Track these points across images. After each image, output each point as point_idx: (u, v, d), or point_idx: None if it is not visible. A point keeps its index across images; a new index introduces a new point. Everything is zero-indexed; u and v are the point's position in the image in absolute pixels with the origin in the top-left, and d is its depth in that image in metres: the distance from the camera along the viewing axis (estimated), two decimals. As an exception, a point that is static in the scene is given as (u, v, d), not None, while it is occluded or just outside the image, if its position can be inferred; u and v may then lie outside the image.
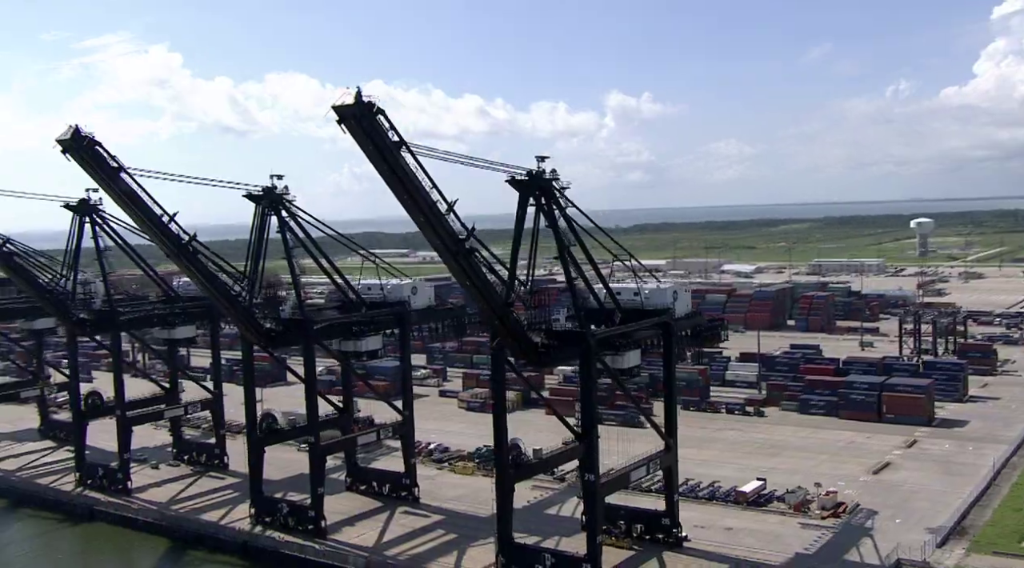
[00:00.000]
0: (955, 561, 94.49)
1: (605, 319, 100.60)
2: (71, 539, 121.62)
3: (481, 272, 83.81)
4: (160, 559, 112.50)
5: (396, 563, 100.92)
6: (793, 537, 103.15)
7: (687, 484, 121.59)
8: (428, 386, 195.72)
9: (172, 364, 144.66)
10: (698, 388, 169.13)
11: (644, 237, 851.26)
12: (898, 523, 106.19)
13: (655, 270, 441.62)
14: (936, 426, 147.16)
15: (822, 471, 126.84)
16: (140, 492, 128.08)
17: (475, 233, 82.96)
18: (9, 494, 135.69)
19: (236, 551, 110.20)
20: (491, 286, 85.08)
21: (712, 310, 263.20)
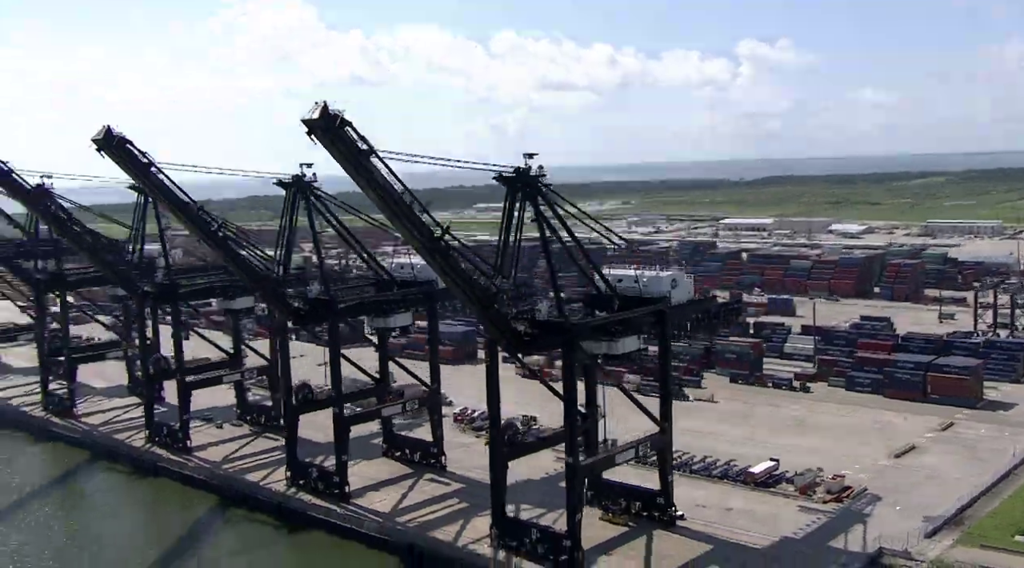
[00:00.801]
0: (938, 552, 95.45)
1: (606, 305, 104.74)
2: (143, 490, 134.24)
3: (458, 266, 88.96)
4: (206, 514, 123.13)
5: (404, 528, 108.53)
6: (788, 520, 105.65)
7: (704, 462, 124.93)
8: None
9: (236, 330, 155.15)
10: (748, 361, 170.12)
11: (767, 191, 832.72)
12: (898, 510, 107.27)
13: (759, 228, 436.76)
14: (981, 408, 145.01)
15: (845, 452, 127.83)
16: (200, 450, 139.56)
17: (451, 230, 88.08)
18: (92, 447, 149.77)
19: (272, 511, 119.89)
20: (470, 279, 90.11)
21: (796, 276, 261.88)
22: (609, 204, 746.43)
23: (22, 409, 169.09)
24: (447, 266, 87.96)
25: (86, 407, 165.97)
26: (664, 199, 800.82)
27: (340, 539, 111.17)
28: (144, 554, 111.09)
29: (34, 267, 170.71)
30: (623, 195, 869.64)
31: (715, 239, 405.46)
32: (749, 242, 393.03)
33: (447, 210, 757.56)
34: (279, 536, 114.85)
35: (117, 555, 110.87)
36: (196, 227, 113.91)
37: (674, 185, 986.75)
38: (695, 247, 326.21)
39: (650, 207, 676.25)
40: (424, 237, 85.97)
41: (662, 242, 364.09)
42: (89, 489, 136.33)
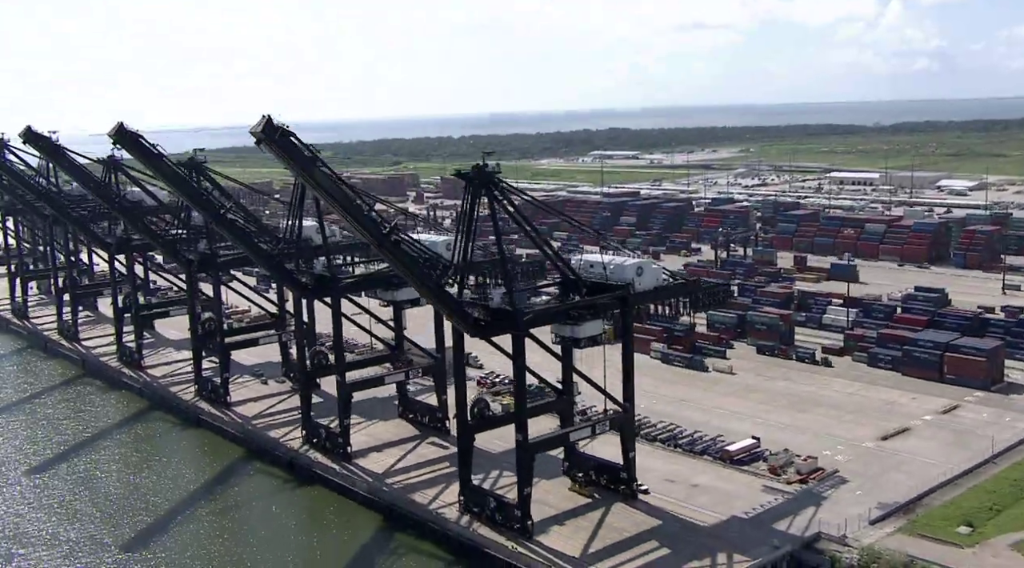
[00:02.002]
0: (873, 540, 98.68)
1: (574, 291, 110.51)
2: (186, 440, 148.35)
3: (407, 257, 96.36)
4: (233, 463, 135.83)
5: (389, 489, 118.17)
6: (746, 499, 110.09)
7: (691, 436, 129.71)
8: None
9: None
10: (778, 332, 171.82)
11: (895, 139, 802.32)
12: (858, 495, 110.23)
13: (865, 183, 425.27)
14: (997, 391, 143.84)
15: (836, 432, 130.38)
16: (239, 405, 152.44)
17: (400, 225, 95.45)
18: (151, 398, 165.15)
19: (285, 466, 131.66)
20: (421, 268, 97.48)
21: (870, 240, 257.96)
22: (726, 152, 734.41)
23: (105, 360, 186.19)
24: (397, 260, 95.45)
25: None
26: (788, 146, 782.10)
27: (338, 496, 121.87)
28: (170, 495, 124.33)
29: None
30: (747, 142, 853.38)
31: (811, 195, 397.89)
32: (846, 198, 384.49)
33: (558, 156, 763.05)
34: (287, 489, 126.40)
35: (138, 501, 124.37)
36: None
37: (804, 131, 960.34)
38: (775, 207, 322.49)
39: (770, 155, 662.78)
40: (373, 234, 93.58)
41: (746, 201, 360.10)
42: (142, 435, 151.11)
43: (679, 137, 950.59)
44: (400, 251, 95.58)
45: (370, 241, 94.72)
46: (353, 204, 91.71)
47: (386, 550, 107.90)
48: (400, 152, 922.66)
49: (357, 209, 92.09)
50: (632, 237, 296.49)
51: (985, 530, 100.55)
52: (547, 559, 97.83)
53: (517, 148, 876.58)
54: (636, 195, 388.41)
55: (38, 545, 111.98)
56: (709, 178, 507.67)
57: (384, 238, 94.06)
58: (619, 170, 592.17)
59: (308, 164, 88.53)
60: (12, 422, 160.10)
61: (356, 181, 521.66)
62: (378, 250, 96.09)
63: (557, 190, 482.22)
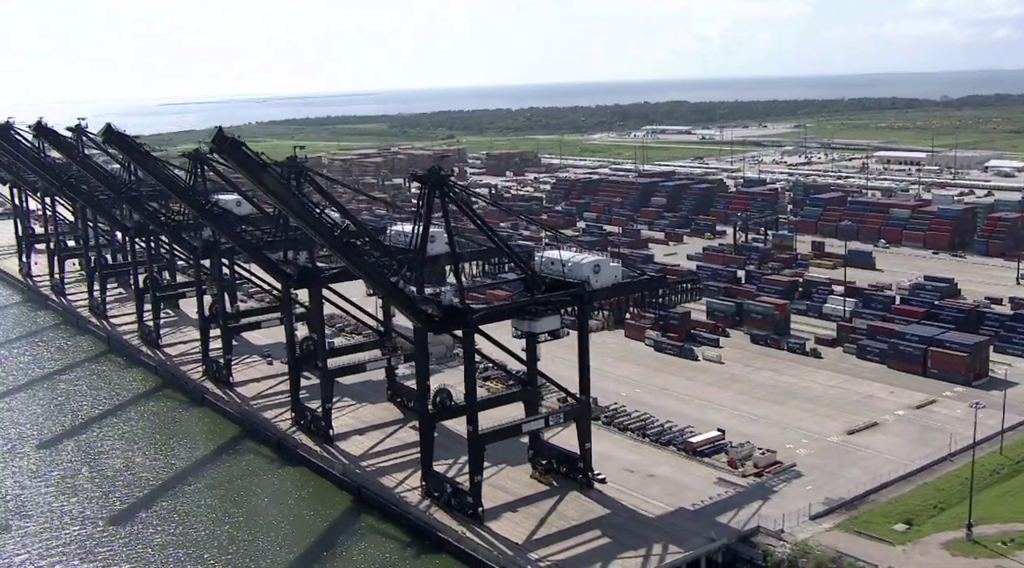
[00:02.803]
0: (809, 535, 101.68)
1: (534, 288, 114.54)
2: (189, 418, 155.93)
3: (360, 256, 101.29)
4: (225, 443, 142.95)
5: (363, 471, 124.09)
6: (698, 491, 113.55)
7: (662, 427, 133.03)
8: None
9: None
10: (773, 321, 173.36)
11: (959, 114, 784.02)
12: (808, 489, 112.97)
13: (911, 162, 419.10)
14: (980, 386, 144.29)
15: (806, 425, 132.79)
16: (241, 385, 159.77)
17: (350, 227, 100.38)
18: (164, 376, 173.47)
19: (273, 446, 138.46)
20: (374, 267, 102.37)
21: (894, 225, 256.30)
22: (780, 127, 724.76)
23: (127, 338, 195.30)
24: (349, 260, 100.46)
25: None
26: (843, 121, 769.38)
27: (317, 476, 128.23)
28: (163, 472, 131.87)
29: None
30: (803, 116, 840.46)
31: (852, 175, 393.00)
32: (887, 179, 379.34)
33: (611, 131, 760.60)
34: (273, 468, 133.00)
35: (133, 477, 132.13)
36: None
37: (861, 105, 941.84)
38: (806, 189, 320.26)
39: (824, 131, 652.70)
40: (324, 236, 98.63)
41: (780, 182, 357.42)
42: (150, 412, 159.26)
43: (738, 111, 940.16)
44: (351, 251, 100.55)
45: (321, 242, 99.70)
46: (304, 208, 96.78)
47: (349, 530, 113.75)
48: (456, 125, 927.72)
49: (308, 213, 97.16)
50: (660, 218, 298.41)
51: (922, 528, 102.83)
52: (492, 544, 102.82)
53: (571, 122, 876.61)
54: (671, 174, 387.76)
55: (34, 517, 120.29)
56: (755, 156, 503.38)
57: (335, 240, 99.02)
58: (668, 146, 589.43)
59: (258, 171, 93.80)
60: (36, 396, 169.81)
61: (402, 157, 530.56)
62: (331, 250, 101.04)
63: (600, 167, 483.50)
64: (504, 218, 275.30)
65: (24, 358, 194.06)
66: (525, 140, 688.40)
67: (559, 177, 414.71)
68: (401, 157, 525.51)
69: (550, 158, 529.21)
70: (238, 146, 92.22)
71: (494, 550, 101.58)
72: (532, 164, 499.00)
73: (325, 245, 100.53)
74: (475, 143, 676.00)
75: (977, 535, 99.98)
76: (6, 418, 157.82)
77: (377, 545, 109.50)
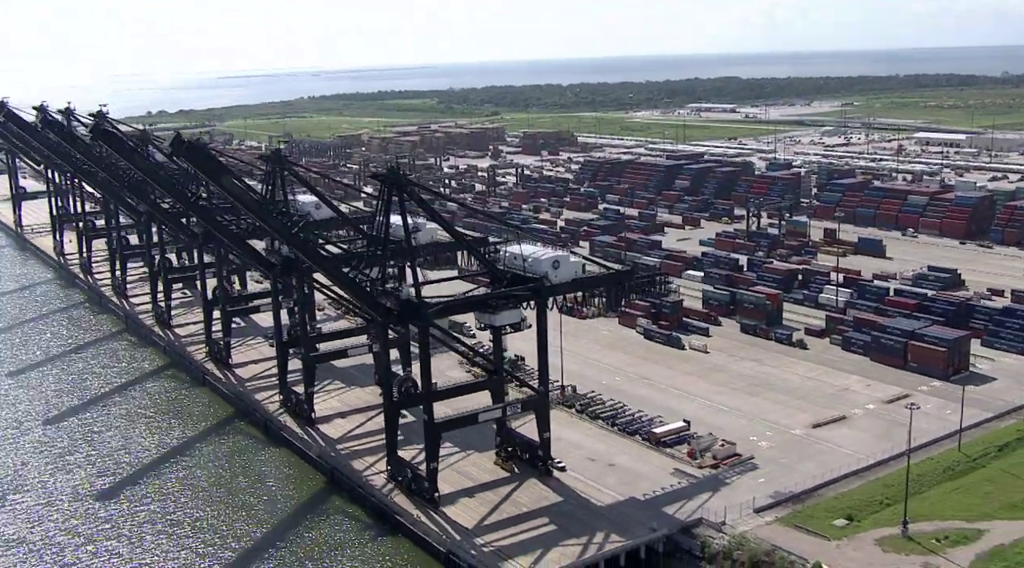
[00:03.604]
0: (749, 527, 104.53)
1: (496, 282, 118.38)
2: (189, 398, 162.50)
3: (314, 253, 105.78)
4: (217, 423, 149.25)
5: (337, 454, 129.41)
6: (652, 481, 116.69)
7: (632, 416, 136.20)
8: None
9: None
10: (764, 312, 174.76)
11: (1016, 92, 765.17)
12: (760, 482, 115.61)
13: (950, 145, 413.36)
14: (956, 381, 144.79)
15: (774, 418, 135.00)
16: (240, 367, 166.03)
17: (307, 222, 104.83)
18: (171, 356, 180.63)
19: (261, 427, 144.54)
20: (330, 262, 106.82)
21: (911, 212, 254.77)
22: (827, 105, 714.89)
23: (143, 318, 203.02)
24: (306, 255, 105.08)
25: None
26: (896, 99, 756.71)
27: (299, 458, 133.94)
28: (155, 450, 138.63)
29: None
30: (855, 94, 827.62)
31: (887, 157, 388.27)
32: (921, 162, 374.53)
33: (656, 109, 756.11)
34: (258, 448, 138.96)
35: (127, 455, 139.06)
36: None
37: (916, 82, 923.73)
38: (830, 173, 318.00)
39: (872, 110, 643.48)
40: (281, 232, 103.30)
41: (810, 164, 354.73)
42: (154, 391, 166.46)
43: (789, 88, 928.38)
44: (307, 247, 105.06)
45: (279, 238, 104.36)
46: (260, 205, 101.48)
47: (317, 510, 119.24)
48: (504, 101, 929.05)
49: (264, 210, 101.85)
50: (679, 202, 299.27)
51: (862, 524, 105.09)
52: (442, 528, 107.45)
53: (618, 98, 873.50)
54: (699, 156, 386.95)
55: (30, 491, 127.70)
56: (793, 136, 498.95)
57: (292, 236, 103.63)
58: (708, 125, 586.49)
59: (215, 171, 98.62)
60: (50, 372, 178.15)
61: (439, 135, 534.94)
62: (289, 247, 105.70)
63: (636, 147, 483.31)
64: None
65: (46, 335, 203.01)
66: (568, 117, 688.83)
67: (591, 157, 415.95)
68: (438, 135, 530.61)
69: (588, 137, 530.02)
70: (194, 149, 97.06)
71: (444, 534, 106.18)
72: (568, 143, 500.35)
73: (282, 241, 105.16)
74: (519, 120, 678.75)
75: (914, 532, 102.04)
76: (20, 394, 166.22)
77: (339, 526, 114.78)
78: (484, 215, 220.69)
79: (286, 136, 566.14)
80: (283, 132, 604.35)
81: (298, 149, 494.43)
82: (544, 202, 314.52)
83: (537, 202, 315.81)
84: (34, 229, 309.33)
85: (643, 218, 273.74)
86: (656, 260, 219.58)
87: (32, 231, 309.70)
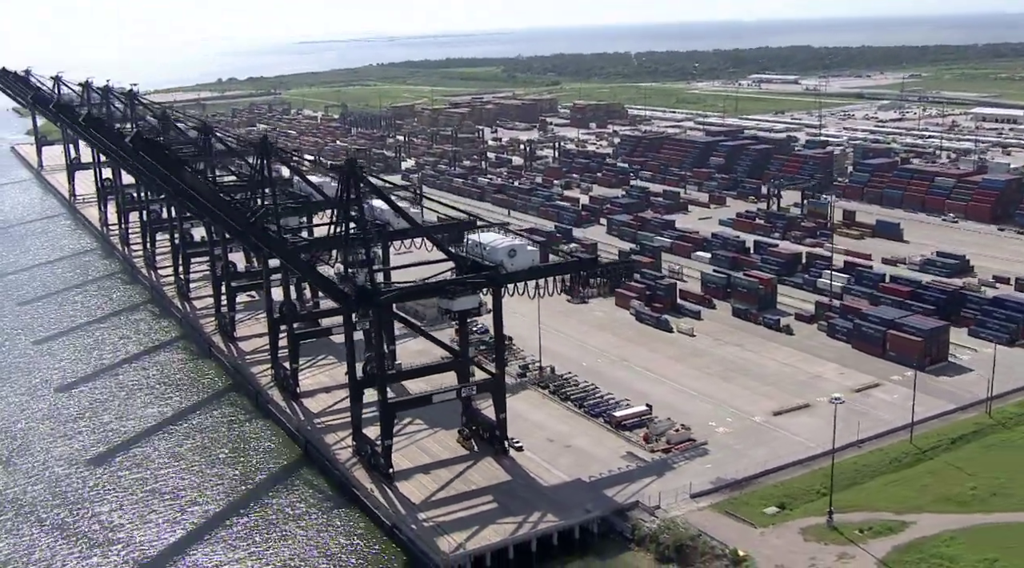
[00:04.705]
0: (681, 512, 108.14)
1: (460, 269, 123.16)
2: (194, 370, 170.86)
3: (272, 242, 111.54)
4: (215, 394, 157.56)
5: (313, 428, 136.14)
6: (602, 464, 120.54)
7: (601, 398, 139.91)
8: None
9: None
10: (756, 296, 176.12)
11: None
12: (707, 468, 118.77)
13: (1008, 121, 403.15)
14: (930, 371, 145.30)
15: (737, 404, 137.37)
16: (244, 340, 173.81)
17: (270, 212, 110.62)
18: (185, 327, 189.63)
19: (252, 399, 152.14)
20: (289, 252, 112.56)
21: (938, 194, 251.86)
22: (894, 76, 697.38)
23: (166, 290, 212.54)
24: (263, 244, 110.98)
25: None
26: (969, 70, 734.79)
27: (280, 430, 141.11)
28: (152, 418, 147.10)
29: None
30: (928, 64, 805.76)
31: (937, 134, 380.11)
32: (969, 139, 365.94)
33: (717, 79, 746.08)
34: (246, 420, 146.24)
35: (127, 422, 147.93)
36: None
37: (993, 51, 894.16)
38: (864, 152, 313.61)
39: (939, 82, 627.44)
40: (239, 223, 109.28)
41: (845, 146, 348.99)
42: (164, 362, 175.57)
43: (860, 57, 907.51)
44: (265, 237, 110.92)
45: (233, 227, 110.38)
46: (217, 198, 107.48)
47: (286, 480, 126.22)
48: (568, 70, 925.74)
49: (222, 202, 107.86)
50: (709, 180, 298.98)
51: (793, 512, 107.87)
52: (391, 502, 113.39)
53: (682, 68, 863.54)
54: (737, 132, 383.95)
55: (32, 454, 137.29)
56: (849, 110, 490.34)
57: (250, 227, 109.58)
58: (764, 98, 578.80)
59: (173, 166, 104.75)
60: (72, 341, 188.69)
61: (490, 107, 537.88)
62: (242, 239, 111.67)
63: (685, 120, 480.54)
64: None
65: (77, 304, 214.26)
66: (627, 88, 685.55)
67: (636, 131, 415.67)
68: (490, 107, 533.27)
69: (639, 109, 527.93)
70: (153, 145, 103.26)
71: (391, 508, 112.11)
72: (618, 116, 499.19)
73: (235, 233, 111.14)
74: (577, 91, 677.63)
75: (840, 522, 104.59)
76: (41, 362, 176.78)
77: (303, 496, 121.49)
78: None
79: (341, 106, 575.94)
80: (340, 102, 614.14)
81: (349, 120, 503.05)
82: (576, 178, 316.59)
83: (570, 178, 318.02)
84: (84, 199, 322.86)
85: (667, 196, 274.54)
86: (668, 241, 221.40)
87: (83, 201, 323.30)
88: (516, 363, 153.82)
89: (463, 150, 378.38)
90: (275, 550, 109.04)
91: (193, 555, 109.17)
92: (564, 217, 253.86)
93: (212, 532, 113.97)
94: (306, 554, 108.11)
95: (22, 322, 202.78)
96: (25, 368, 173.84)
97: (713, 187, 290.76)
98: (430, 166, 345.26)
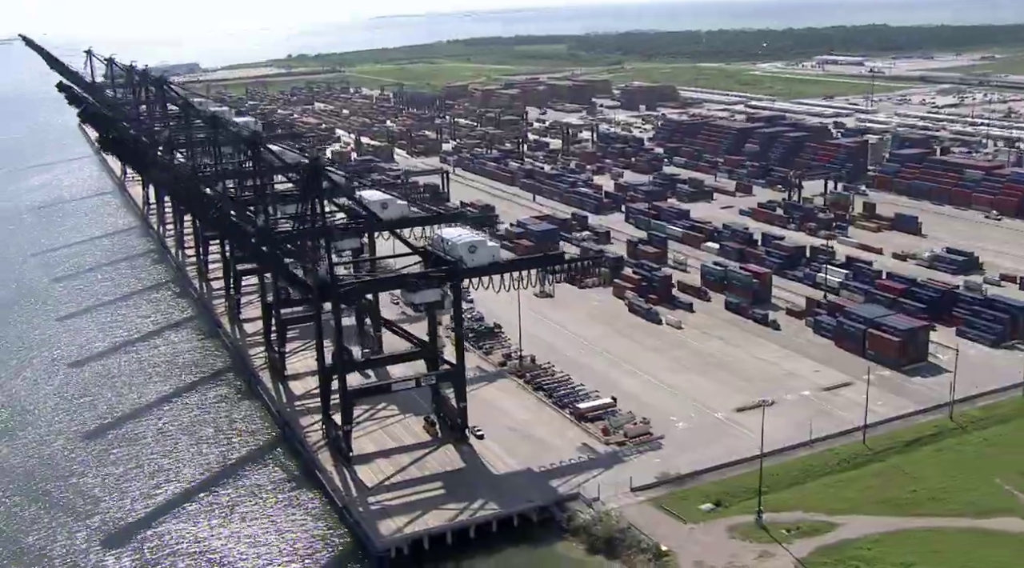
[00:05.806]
0: (617, 504, 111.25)
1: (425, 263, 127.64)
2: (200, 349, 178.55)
3: (237, 232, 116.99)
4: (212, 374, 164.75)
5: (293, 410, 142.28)
6: (555, 454, 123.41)
7: (572, 389, 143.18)
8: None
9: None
10: (750, 290, 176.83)
11: None
12: (655, 462, 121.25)
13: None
14: (906, 371, 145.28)
15: (706, 398, 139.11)
16: (249, 322, 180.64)
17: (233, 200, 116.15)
18: (200, 308, 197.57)
19: (247, 380, 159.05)
20: (254, 244, 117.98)
21: (966, 187, 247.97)
22: (967, 58, 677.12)
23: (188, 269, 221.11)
24: (229, 234, 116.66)
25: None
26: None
27: (267, 413, 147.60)
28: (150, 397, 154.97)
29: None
30: (1007, 46, 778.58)
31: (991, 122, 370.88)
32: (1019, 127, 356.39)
33: (781, 60, 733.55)
34: (236, 400, 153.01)
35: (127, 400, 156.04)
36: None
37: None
38: (902, 141, 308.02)
39: (1012, 65, 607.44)
40: (204, 213, 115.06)
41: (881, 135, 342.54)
42: (174, 341, 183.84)
43: (937, 36, 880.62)
44: (230, 227, 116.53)
45: (203, 218, 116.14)
46: (188, 191, 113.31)
47: (260, 460, 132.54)
48: (633, 49, 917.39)
49: (197, 189, 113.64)
50: (740, 167, 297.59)
51: (727, 510, 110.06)
52: (346, 485, 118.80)
53: (747, 48, 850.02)
54: (778, 118, 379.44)
55: (36, 427, 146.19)
56: (906, 94, 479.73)
57: (213, 220, 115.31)
58: (823, 80, 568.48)
59: (141, 162, 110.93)
60: (94, 318, 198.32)
61: (542, 88, 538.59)
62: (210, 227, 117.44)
63: (736, 103, 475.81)
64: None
65: (106, 282, 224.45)
66: (689, 68, 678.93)
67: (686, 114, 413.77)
68: (542, 88, 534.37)
69: (691, 92, 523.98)
70: (119, 143, 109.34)
71: (345, 490, 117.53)
72: (669, 98, 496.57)
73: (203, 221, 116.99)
74: (640, 71, 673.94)
75: (770, 521, 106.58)
76: (61, 338, 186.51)
77: (271, 476, 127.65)
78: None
79: (396, 86, 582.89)
80: (398, 81, 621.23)
81: (401, 99, 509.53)
82: (609, 163, 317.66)
83: (603, 163, 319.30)
84: (134, 178, 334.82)
85: (691, 184, 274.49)
86: (680, 230, 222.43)
87: (133, 179, 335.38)
88: (500, 351, 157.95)
89: (504, 133, 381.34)
90: (233, 528, 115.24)
91: (156, 528, 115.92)
92: (586, 204, 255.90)
93: (180, 508, 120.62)
94: (260, 530, 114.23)
95: (52, 298, 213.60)
96: (47, 344, 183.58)
97: (743, 175, 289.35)
98: (467, 149, 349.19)
